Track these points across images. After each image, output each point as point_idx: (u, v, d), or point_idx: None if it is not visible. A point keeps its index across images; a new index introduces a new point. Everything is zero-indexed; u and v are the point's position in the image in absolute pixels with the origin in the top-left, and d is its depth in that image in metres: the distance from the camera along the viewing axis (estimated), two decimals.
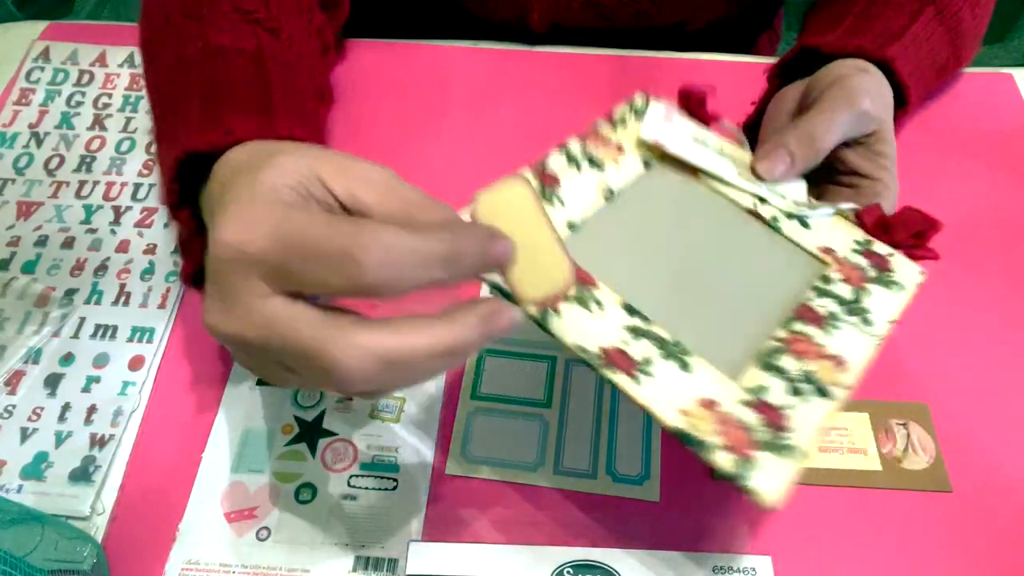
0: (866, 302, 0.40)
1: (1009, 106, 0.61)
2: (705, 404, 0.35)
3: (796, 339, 0.38)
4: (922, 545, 0.42)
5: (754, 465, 0.33)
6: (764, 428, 0.34)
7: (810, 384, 0.36)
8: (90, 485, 0.43)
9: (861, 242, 0.43)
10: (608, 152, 0.44)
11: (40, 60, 0.63)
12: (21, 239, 0.53)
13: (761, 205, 0.44)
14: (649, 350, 0.36)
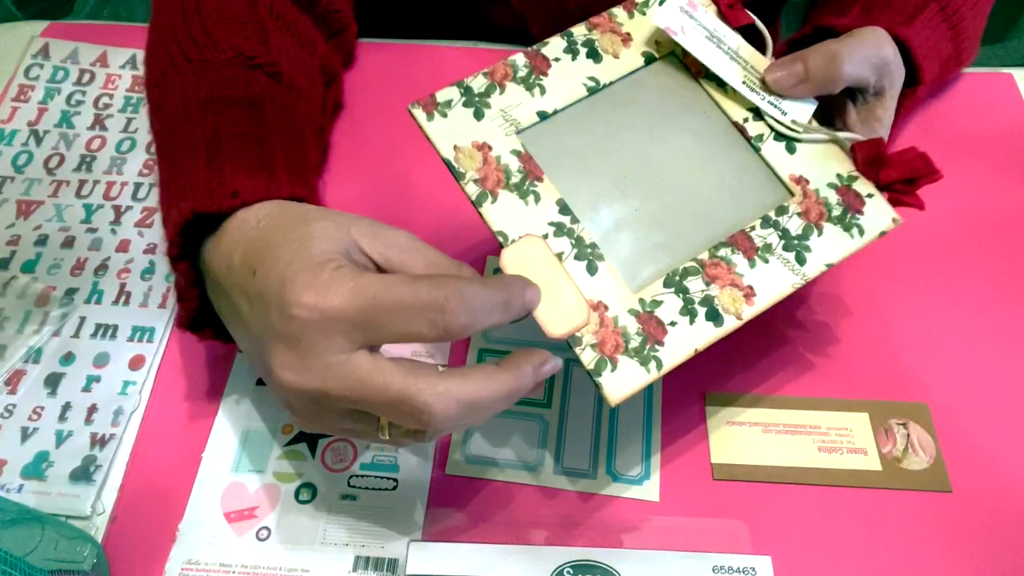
0: (811, 240, 0.40)
1: (1009, 106, 0.61)
2: (596, 306, 0.37)
3: (715, 263, 0.39)
4: (922, 545, 0.42)
5: (612, 366, 0.36)
6: (640, 337, 0.37)
7: (705, 306, 0.38)
8: (91, 485, 0.43)
9: (844, 177, 0.42)
10: (612, 41, 0.43)
11: (40, 57, 0.63)
12: (21, 238, 0.53)
13: (751, 122, 0.43)
14: (564, 246, 0.38)
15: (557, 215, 0.38)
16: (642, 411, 0.46)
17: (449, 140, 0.39)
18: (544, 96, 0.41)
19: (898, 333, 0.49)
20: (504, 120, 0.40)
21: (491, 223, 0.38)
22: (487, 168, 0.38)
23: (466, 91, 0.40)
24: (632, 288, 0.38)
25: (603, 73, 0.42)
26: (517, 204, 0.38)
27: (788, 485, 0.44)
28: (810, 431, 0.45)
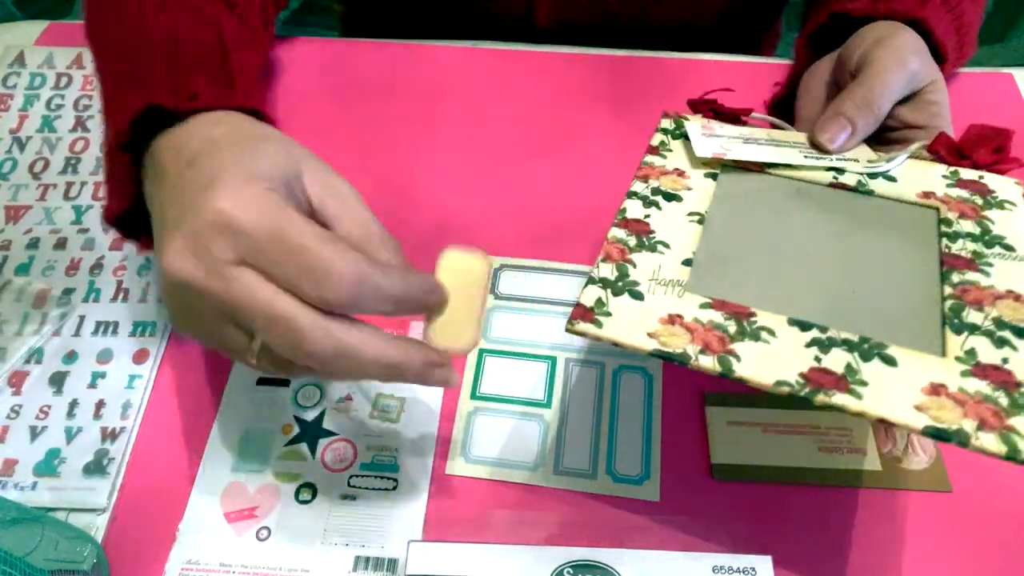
0: (996, 230, 0.40)
1: (1009, 106, 0.61)
2: (933, 391, 0.32)
3: (965, 290, 0.37)
4: (922, 545, 0.42)
5: (1018, 434, 0.31)
6: (1001, 392, 0.32)
7: (1007, 329, 0.35)
8: (105, 477, 0.44)
9: (949, 175, 0.43)
10: (673, 181, 0.43)
11: (16, 65, 0.63)
12: (12, 243, 0.53)
13: (840, 176, 0.43)
14: (845, 357, 0.34)
15: (804, 334, 0.35)
16: (642, 412, 0.46)
17: (637, 333, 0.35)
18: (670, 249, 0.39)
19: None
20: (661, 286, 0.37)
21: (762, 382, 0.33)
22: (698, 335, 0.35)
23: (604, 283, 0.37)
24: (938, 354, 0.34)
25: (695, 205, 0.42)
26: (762, 349, 0.34)
27: (788, 485, 0.44)
28: (810, 431, 0.45)
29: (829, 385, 0.33)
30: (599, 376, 0.47)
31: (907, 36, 0.48)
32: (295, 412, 0.46)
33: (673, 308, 0.36)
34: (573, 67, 0.63)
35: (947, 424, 0.31)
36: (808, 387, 0.33)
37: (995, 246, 0.39)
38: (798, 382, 0.33)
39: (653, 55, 0.64)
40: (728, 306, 0.36)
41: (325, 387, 0.47)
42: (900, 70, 0.46)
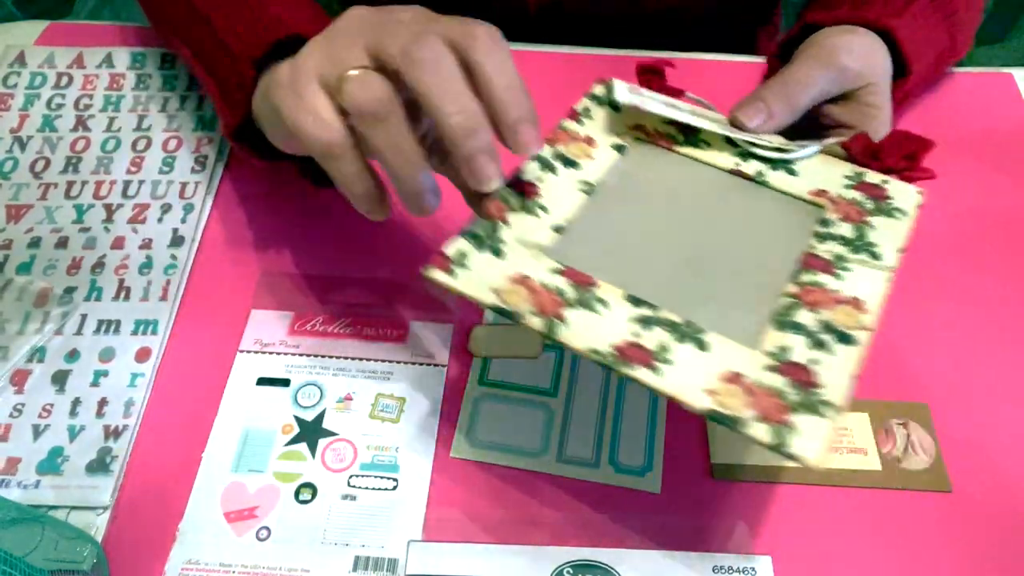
0: (871, 236, 0.40)
1: (1009, 106, 0.61)
2: (730, 379, 0.34)
3: (808, 290, 0.38)
4: (922, 545, 0.42)
5: (792, 430, 0.32)
6: (794, 389, 0.34)
7: (831, 333, 0.36)
8: (108, 475, 0.44)
9: (852, 176, 0.43)
10: (579, 147, 0.44)
11: (16, 65, 0.63)
12: (13, 242, 0.53)
13: (743, 164, 0.44)
14: (662, 336, 0.35)
15: (634, 309, 0.36)
16: (647, 405, 0.46)
17: (484, 287, 0.36)
18: (548, 213, 0.40)
19: (898, 333, 0.49)
20: (525, 248, 0.38)
21: (574, 345, 0.35)
22: (538, 296, 0.36)
23: (473, 237, 0.38)
24: (752, 346, 0.35)
25: (589, 175, 0.43)
26: (588, 316, 0.36)
27: (788, 485, 0.44)
28: None
29: (635, 359, 0.34)
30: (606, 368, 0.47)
31: (850, 38, 0.49)
32: (295, 412, 0.46)
33: (526, 269, 0.37)
34: (568, 66, 0.63)
35: (728, 410, 0.33)
36: (616, 358, 0.34)
37: (862, 252, 0.40)
38: (610, 353, 0.34)
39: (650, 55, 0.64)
40: (575, 274, 0.37)
41: (325, 387, 0.47)
42: (824, 67, 0.47)
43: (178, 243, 0.53)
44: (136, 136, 0.59)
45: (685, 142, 0.45)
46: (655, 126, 0.45)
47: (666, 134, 0.45)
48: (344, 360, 0.48)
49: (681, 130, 0.45)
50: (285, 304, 0.50)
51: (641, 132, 0.45)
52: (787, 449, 0.32)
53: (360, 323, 0.49)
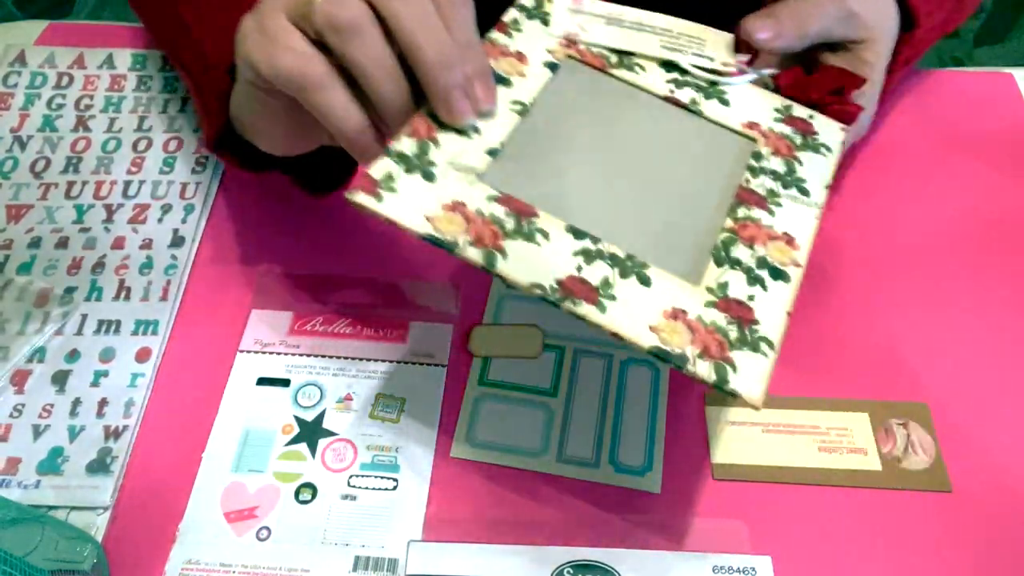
0: (799, 172, 0.41)
1: (1009, 106, 0.61)
2: (673, 315, 0.34)
3: (744, 225, 0.38)
4: (922, 545, 0.42)
5: (733, 368, 0.33)
6: (734, 326, 0.34)
7: (766, 269, 0.37)
8: (109, 476, 0.44)
9: (781, 109, 0.44)
10: (510, 63, 0.42)
11: (17, 64, 0.63)
12: (13, 242, 0.53)
13: (678, 90, 0.43)
14: (605, 271, 0.35)
15: (576, 242, 0.35)
16: (647, 405, 0.46)
17: (415, 213, 0.34)
18: (481, 135, 0.38)
19: (898, 333, 0.49)
20: (458, 172, 0.36)
21: (519, 280, 0.33)
22: (475, 225, 0.34)
23: (400, 158, 0.36)
24: (693, 281, 0.35)
25: (522, 94, 0.40)
26: (529, 248, 0.34)
27: (788, 485, 0.44)
28: (810, 431, 0.45)
29: (579, 294, 0.33)
30: (606, 368, 0.48)
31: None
32: (295, 412, 0.46)
33: (460, 195, 0.35)
34: None
35: (671, 347, 0.33)
36: (560, 293, 0.33)
37: (792, 188, 0.40)
38: (552, 287, 0.33)
39: None
40: (513, 202, 0.36)
41: (325, 387, 0.47)
42: (836, 5, 0.46)
43: (178, 243, 0.53)
44: (137, 137, 0.59)
45: (619, 64, 0.44)
46: (587, 42, 0.44)
47: (599, 54, 0.44)
48: (344, 360, 0.48)
49: (614, 50, 0.44)
50: (285, 304, 0.50)
51: (574, 50, 0.44)
52: (728, 387, 0.32)
53: (360, 323, 0.49)
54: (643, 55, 0.44)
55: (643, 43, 0.44)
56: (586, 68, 0.43)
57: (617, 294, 0.34)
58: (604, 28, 0.45)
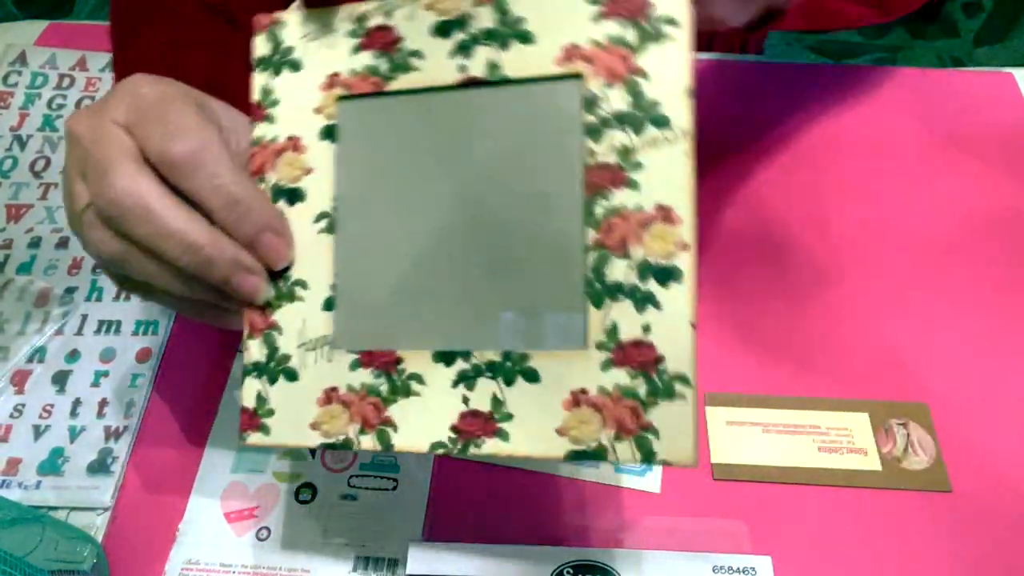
0: (648, 92, 0.30)
1: (1009, 106, 0.61)
2: (574, 402, 0.30)
3: (609, 227, 0.30)
4: (922, 545, 0.42)
5: (654, 434, 0.29)
6: (640, 379, 0.29)
7: (651, 276, 0.29)
8: (109, 476, 0.44)
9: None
10: (290, 164, 0.34)
11: (17, 64, 0.63)
12: (13, 241, 0.53)
13: (469, 59, 0.32)
14: (490, 387, 0.31)
15: (450, 369, 0.31)
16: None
17: (301, 428, 0.32)
18: (309, 288, 0.33)
19: (898, 333, 0.49)
20: (311, 352, 0.33)
21: (419, 449, 0.31)
22: (355, 407, 0.32)
23: (258, 369, 0.33)
24: (579, 346, 0.30)
25: (321, 200, 0.34)
26: (414, 405, 0.31)
27: (788, 485, 0.44)
28: (810, 431, 0.45)
29: (478, 432, 0.31)
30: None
31: None
32: None
33: (327, 380, 0.32)
34: None
35: (586, 444, 0.29)
36: (460, 441, 0.31)
37: (646, 126, 0.30)
38: (451, 439, 0.31)
39: None
40: (375, 357, 0.32)
41: None
42: None
43: None
44: None
45: (393, 68, 0.33)
46: (351, 66, 0.34)
47: (365, 71, 0.33)
48: None
49: (380, 55, 0.33)
50: None
51: (340, 86, 0.34)
52: (657, 459, 0.29)
53: None
54: (408, 36, 0.33)
55: (400, 21, 0.33)
56: (363, 102, 0.34)
57: (512, 410, 0.30)
58: (345, 38, 0.34)
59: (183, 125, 0.31)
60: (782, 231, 0.54)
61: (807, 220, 0.54)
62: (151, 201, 0.30)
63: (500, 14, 0.32)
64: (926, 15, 1.75)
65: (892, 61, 1.67)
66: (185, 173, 0.31)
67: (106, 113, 0.32)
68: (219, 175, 0.31)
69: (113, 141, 0.31)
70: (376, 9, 0.33)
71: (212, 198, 0.31)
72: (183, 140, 0.31)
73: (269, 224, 0.32)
